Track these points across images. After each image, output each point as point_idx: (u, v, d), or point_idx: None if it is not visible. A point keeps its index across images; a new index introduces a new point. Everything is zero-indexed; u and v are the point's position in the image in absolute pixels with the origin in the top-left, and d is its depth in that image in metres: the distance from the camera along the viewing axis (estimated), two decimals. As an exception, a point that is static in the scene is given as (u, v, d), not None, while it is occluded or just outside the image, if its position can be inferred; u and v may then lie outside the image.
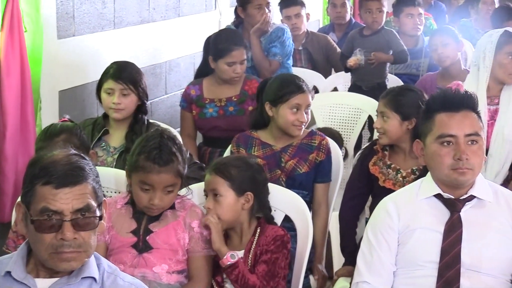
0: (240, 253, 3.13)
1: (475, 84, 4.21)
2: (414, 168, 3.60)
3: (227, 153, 3.92)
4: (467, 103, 2.84)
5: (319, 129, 4.46)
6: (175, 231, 3.09)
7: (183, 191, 3.20)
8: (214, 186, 3.15)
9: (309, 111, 3.80)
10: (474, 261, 2.76)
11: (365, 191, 3.76)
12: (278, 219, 3.33)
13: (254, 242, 3.15)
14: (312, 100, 3.82)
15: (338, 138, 4.54)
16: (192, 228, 3.10)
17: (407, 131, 3.61)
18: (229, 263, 3.04)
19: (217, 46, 4.57)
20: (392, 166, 3.66)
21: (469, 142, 2.78)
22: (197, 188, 3.36)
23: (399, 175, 3.63)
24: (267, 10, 5.29)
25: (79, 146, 3.30)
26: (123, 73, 3.91)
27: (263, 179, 3.25)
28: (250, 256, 3.13)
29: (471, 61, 4.47)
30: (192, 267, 3.09)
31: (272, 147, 3.80)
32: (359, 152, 3.87)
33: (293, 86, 3.78)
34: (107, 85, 3.92)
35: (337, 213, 4.10)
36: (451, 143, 2.77)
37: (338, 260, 4.05)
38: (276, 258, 3.10)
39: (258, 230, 3.18)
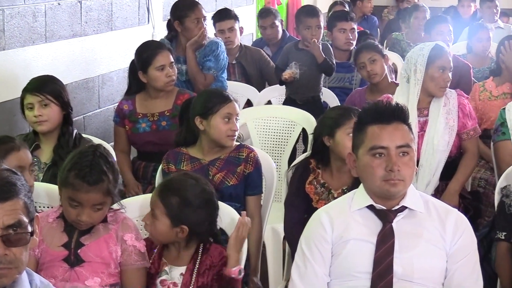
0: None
1: (405, 96, 4.27)
2: (344, 188, 3.62)
3: (160, 169, 3.91)
4: (398, 115, 2.88)
5: None
6: (107, 244, 3.07)
7: (116, 206, 3.17)
8: (153, 206, 3.12)
9: (239, 121, 3.82)
10: (406, 271, 2.79)
11: (306, 207, 3.74)
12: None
13: (198, 261, 3.13)
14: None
15: None
16: (125, 241, 3.08)
17: None
18: (233, 276, 3.04)
19: (141, 57, 4.57)
20: (326, 185, 3.68)
21: (401, 154, 2.82)
22: (136, 200, 3.37)
23: (330, 196, 3.64)
24: (204, 24, 5.31)
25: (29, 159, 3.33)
26: (40, 85, 3.92)
27: (209, 213, 3.14)
28: (194, 276, 3.10)
29: (399, 73, 4.53)
30: (125, 280, 3.07)
31: (200, 161, 3.80)
32: (292, 167, 3.87)
33: (221, 97, 3.81)
34: (26, 101, 3.93)
35: (272, 226, 4.11)
36: (382, 155, 2.81)
37: (273, 272, 4.07)
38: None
39: (201, 248, 3.15)
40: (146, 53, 4.56)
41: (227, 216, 3.34)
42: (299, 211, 3.68)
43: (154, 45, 4.71)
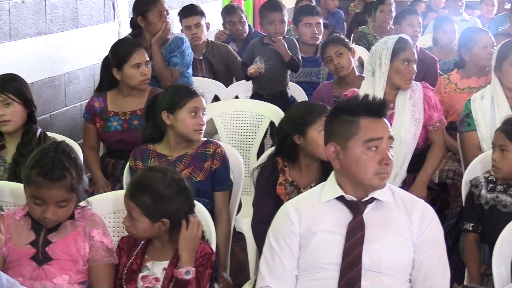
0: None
1: (371, 90, 4.28)
2: (312, 185, 3.56)
3: (127, 166, 3.90)
4: (386, 110, 2.90)
5: None
6: (74, 241, 3.06)
7: (83, 203, 3.17)
8: (128, 209, 3.10)
9: (205, 116, 3.83)
10: (373, 262, 2.81)
11: (276, 207, 3.68)
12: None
13: None
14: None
15: None
16: (92, 237, 3.08)
17: None
18: (179, 277, 3.02)
19: (117, 54, 4.55)
20: (295, 183, 3.64)
21: (389, 147, 2.85)
22: (106, 197, 3.38)
23: (299, 194, 3.61)
24: (167, 18, 5.30)
25: None
26: (1, 85, 3.86)
27: (184, 200, 3.13)
28: None
29: (365, 67, 4.55)
30: (93, 276, 3.07)
31: (167, 157, 3.80)
32: (257, 167, 3.81)
33: (188, 91, 3.83)
34: None
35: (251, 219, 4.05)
36: (376, 148, 2.82)
37: (254, 264, 4.06)
38: (202, 276, 3.09)
39: None
40: (123, 50, 4.54)
41: (196, 212, 3.32)
42: (268, 210, 3.56)
43: (130, 43, 4.70)
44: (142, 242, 3.17)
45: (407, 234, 2.86)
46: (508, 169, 3.66)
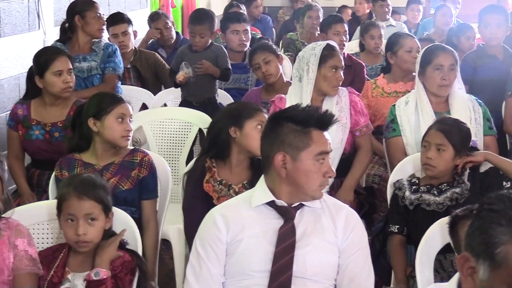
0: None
1: (298, 96, 4.31)
2: (245, 183, 3.61)
3: (53, 176, 3.85)
4: (333, 124, 2.91)
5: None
6: (0, 251, 3.01)
7: (8, 213, 3.14)
8: (90, 210, 3.09)
9: (132, 123, 3.83)
10: (299, 268, 2.81)
11: (206, 207, 3.67)
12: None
13: None
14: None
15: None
16: (16, 246, 3.04)
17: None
18: (88, 279, 3.01)
19: (39, 61, 4.50)
20: (224, 182, 3.65)
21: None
22: (28, 209, 3.35)
23: (231, 191, 3.62)
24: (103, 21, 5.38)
25: None
26: None
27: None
28: None
29: (292, 73, 4.57)
30: (16, 286, 3.02)
31: (94, 166, 3.77)
32: (187, 172, 3.79)
33: (114, 98, 3.84)
34: None
35: (178, 226, 4.04)
36: (322, 160, 2.84)
37: (180, 272, 4.05)
38: (122, 282, 3.07)
39: None
40: (44, 57, 4.50)
41: (121, 221, 3.31)
42: (198, 212, 3.49)
43: (52, 50, 4.66)
44: (62, 254, 3.14)
45: (332, 239, 2.88)
46: (443, 167, 3.72)
